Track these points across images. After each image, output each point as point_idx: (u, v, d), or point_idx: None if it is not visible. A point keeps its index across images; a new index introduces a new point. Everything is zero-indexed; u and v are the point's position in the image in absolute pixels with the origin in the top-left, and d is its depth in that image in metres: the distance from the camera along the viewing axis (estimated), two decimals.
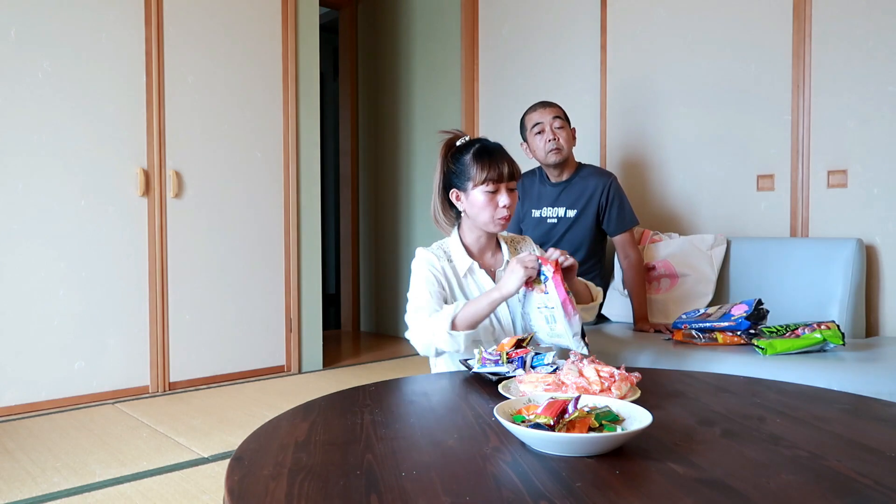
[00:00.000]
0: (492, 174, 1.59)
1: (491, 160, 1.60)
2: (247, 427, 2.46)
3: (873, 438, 0.94)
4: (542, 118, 2.54)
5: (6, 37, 2.66)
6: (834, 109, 2.48)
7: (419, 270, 1.64)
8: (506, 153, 1.64)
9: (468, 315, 1.49)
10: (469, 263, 1.67)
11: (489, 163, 1.60)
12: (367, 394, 1.20)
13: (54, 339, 2.78)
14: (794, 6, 2.56)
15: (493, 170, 1.59)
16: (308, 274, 3.57)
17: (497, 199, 1.61)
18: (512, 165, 1.62)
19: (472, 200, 1.63)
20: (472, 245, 1.70)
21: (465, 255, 1.67)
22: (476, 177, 1.60)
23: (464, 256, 1.67)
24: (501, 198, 1.60)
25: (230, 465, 0.84)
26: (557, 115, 2.54)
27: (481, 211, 1.61)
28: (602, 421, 0.89)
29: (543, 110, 2.56)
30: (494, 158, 1.61)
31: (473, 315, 1.49)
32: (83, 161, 2.84)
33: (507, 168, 1.60)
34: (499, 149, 1.65)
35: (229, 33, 3.26)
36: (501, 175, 1.59)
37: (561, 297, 1.42)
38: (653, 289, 2.59)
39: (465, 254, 1.67)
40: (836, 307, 2.30)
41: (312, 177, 3.57)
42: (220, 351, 3.25)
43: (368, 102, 4.80)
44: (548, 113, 2.54)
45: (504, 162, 1.61)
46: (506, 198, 1.61)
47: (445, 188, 1.68)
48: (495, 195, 1.60)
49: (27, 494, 1.88)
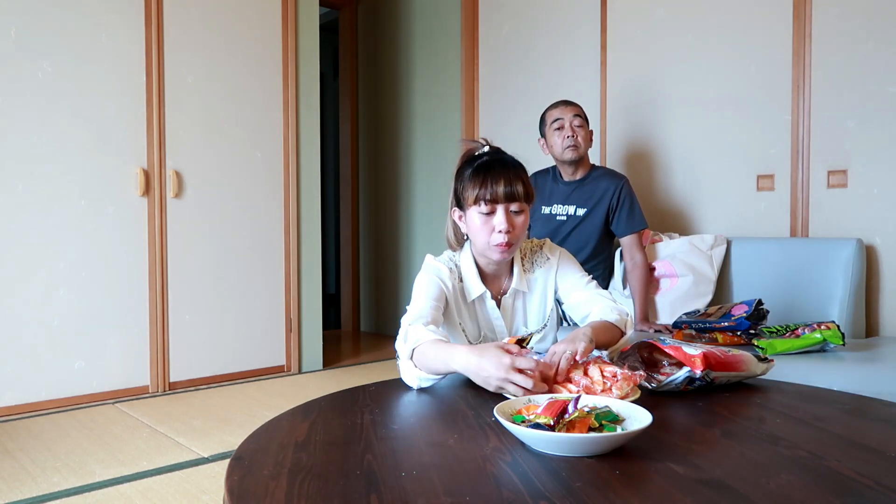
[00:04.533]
0: (483, 192, 1.37)
1: (486, 176, 1.38)
2: (247, 427, 2.46)
3: (873, 438, 0.94)
4: (563, 115, 2.60)
5: (6, 37, 2.66)
6: (834, 109, 2.47)
7: (425, 277, 1.46)
8: (512, 170, 1.39)
9: (424, 356, 1.23)
10: (481, 291, 1.48)
11: (483, 179, 1.38)
12: (367, 394, 1.20)
13: (54, 339, 2.78)
14: (794, 6, 2.56)
15: (486, 188, 1.37)
16: (308, 274, 3.57)
17: (492, 222, 1.38)
18: (513, 184, 1.37)
19: (468, 222, 1.43)
20: (485, 267, 1.49)
21: (477, 279, 1.48)
22: (469, 195, 1.40)
23: (476, 281, 1.48)
24: (497, 220, 1.38)
25: (230, 465, 0.84)
26: (578, 114, 2.61)
27: (477, 235, 1.41)
28: (602, 421, 0.89)
29: (565, 108, 2.63)
30: (491, 174, 1.37)
31: (427, 362, 1.22)
32: (83, 161, 2.84)
33: (503, 187, 1.36)
34: (503, 164, 1.40)
35: (229, 33, 3.26)
36: (496, 195, 1.36)
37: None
38: (653, 289, 2.60)
39: (477, 278, 1.48)
40: (836, 307, 2.30)
41: (312, 177, 3.57)
42: (220, 351, 3.25)
43: (368, 102, 4.80)
44: (569, 111, 2.61)
45: (502, 180, 1.37)
46: (503, 221, 1.37)
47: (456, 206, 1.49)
48: (490, 217, 1.38)
49: (27, 494, 1.88)
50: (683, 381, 1.15)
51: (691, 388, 1.16)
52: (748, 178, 2.71)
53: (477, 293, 1.48)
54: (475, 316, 1.51)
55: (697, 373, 1.13)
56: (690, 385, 1.16)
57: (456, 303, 1.48)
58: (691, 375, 1.14)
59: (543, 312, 1.57)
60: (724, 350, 1.21)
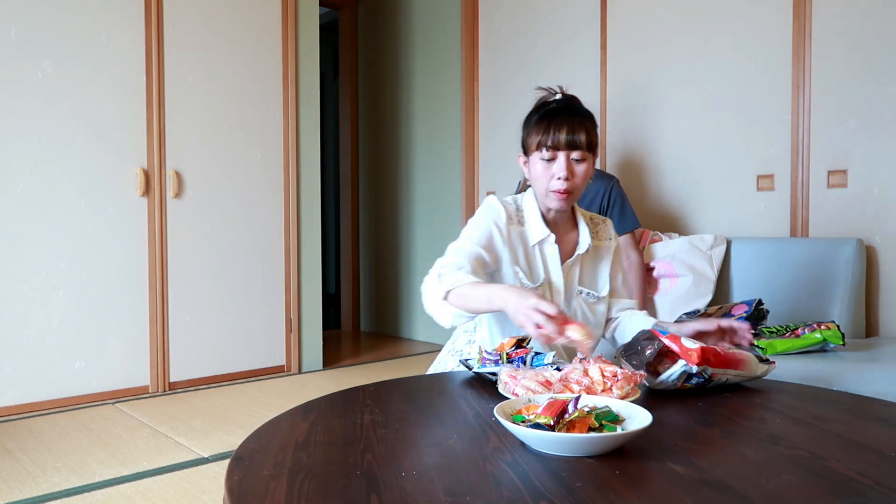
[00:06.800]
0: (545, 139, 1.38)
1: (550, 123, 1.38)
2: (247, 427, 2.46)
3: (873, 438, 0.94)
4: None
5: (6, 37, 2.66)
6: (834, 109, 2.47)
7: (481, 218, 1.44)
8: (577, 119, 1.40)
9: (463, 297, 1.27)
10: (545, 234, 1.46)
11: (547, 125, 1.39)
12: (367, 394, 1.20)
13: (54, 339, 2.78)
14: (794, 6, 2.56)
15: (548, 134, 1.38)
16: (308, 274, 3.57)
17: (552, 169, 1.40)
18: (576, 132, 1.38)
19: (530, 167, 1.45)
20: (546, 214, 1.48)
21: (541, 222, 1.46)
22: (532, 141, 1.41)
23: (540, 224, 1.46)
24: (557, 166, 1.39)
25: (230, 465, 0.84)
26: None
27: (537, 181, 1.43)
28: (602, 421, 0.89)
29: None
30: (556, 122, 1.38)
31: (467, 302, 1.26)
32: (83, 161, 2.84)
33: (566, 135, 1.37)
34: (569, 112, 1.41)
35: (229, 33, 3.26)
36: (557, 142, 1.37)
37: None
38: (653, 289, 2.60)
39: (541, 221, 1.46)
40: (836, 307, 2.30)
41: (312, 177, 3.57)
42: (220, 351, 3.25)
43: (368, 103, 4.80)
44: None
45: (565, 127, 1.37)
46: (563, 168, 1.38)
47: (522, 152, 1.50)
48: (551, 164, 1.40)
49: (27, 494, 1.88)
50: (680, 376, 1.14)
51: (689, 385, 1.16)
52: (748, 178, 2.71)
53: (540, 236, 1.46)
54: (535, 262, 1.47)
55: (694, 368, 1.12)
56: (688, 382, 1.15)
57: (513, 246, 1.44)
58: (687, 370, 1.13)
59: (600, 284, 1.54)
60: (725, 348, 1.20)
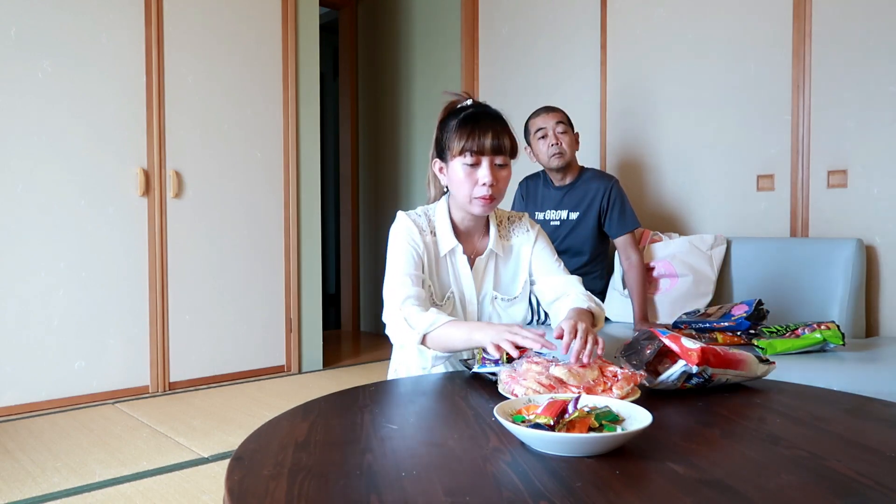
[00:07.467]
0: (470, 144, 1.37)
1: (473, 128, 1.38)
2: (247, 427, 2.46)
3: (873, 438, 0.94)
4: (546, 123, 2.60)
5: (6, 37, 2.66)
6: (834, 109, 2.47)
7: (398, 240, 1.44)
8: (499, 124, 1.41)
9: (441, 339, 1.30)
10: (452, 245, 1.47)
11: (470, 131, 1.38)
12: (367, 394, 1.20)
13: (54, 339, 2.78)
14: (794, 6, 2.56)
15: (473, 139, 1.37)
16: (308, 274, 3.57)
17: (476, 175, 1.39)
18: (500, 137, 1.39)
19: (450, 173, 1.43)
20: (459, 223, 1.49)
21: (450, 233, 1.47)
22: (454, 146, 1.39)
23: (449, 234, 1.47)
24: (481, 173, 1.38)
25: (230, 465, 0.84)
26: (560, 121, 2.60)
27: (459, 187, 1.41)
28: (602, 421, 0.89)
29: (547, 115, 2.62)
30: (479, 126, 1.38)
31: (446, 343, 1.30)
32: (83, 161, 2.84)
33: (490, 140, 1.37)
34: (490, 117, 1.42)
35: (229, 33, 3.26)
36: (482, 147, 1.37)
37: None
38: (653, 289, 2.60)
39: (450, 231, 1.47)
40: (836, 307, 2.30)
41: (312, 177, 3.57)
42: (220, 351, 3.25)
43: (368, 102, 4.80)
44: (551, 118, 2.60)
45: (489, 132, 1.37)
46: (487, 174, 1.37)
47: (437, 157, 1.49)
48: (474, 169, 1.39)
49: (27, 494, 1.88)
50: (680, 376, 1.14)
51: (689, 385, 1.16)
52: (748, 178, 2.71)
53: (449, 247, 1.46)
54: (444, 272, 1.48)
55: (694, 368, 1.12)
56: (688, 382, 1.15)
57: (427, 259, 1.45)
58: (687, 370, 1.13)
59: (515, 284, 1.54)
60: (725, 348, 1.20)
